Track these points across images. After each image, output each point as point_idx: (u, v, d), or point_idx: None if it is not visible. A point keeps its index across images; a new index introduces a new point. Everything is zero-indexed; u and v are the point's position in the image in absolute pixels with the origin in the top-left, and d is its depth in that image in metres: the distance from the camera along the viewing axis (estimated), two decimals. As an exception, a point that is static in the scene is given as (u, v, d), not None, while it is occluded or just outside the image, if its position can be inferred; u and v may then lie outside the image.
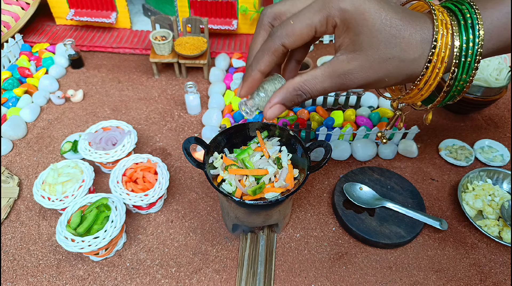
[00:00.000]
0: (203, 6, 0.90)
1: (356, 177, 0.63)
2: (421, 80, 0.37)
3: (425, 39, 0.35)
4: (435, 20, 0.35)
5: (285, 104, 0.40)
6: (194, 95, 0.74)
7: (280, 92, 0.39)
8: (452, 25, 0.35)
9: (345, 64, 0.37)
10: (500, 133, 0.74)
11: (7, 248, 0.56)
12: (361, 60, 0.36)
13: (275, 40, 0.37)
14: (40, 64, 0.87)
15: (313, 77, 0.38)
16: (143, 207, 0.58)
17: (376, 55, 0.35)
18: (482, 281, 0.53)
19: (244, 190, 0.46)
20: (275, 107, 0.39)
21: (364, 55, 0.36)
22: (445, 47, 0.35)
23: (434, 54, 0.35)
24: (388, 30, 0.34)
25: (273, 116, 0.40)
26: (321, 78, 0.37)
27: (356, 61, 0.36)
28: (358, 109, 0.75)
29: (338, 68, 0.37)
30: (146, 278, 0.52)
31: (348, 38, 0.36)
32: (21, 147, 0.71)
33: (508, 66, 0.70)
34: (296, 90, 0.38)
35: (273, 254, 0.55)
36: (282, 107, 0.40)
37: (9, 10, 0.88)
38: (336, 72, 0.37)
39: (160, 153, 0.70)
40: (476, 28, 0.35)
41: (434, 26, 0.35)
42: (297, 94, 0.39)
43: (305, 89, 0.38)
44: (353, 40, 0.36)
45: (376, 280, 0.52)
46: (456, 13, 0.36)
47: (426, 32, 0.35)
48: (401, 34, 0.35)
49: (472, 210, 0.60)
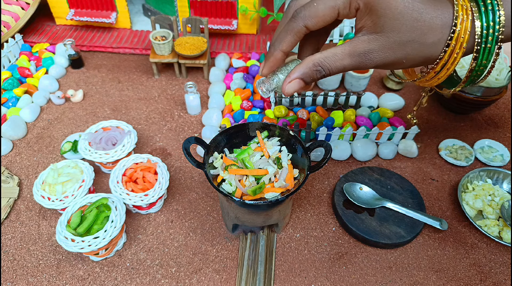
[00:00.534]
0: (203, 6, 0.90)
1: (356, 177, 0.63)
2: (438, 64, 0.38)
3: (445, 24, 0.36)
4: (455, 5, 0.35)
5: (304, 79, 0.40)
6: (194, 95, 0.74)
7: (300, 67, 0.40)
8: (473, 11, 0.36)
9: (365, 44, 0.37)
10: (500, 133, 0.74)
11: (7, 248, 0.56)
12: (382, 41, 0.37)
13: (298, 21, 0.37)
14: (40, 64, 0.87)
15: (333, 54, 0.38)
16: (143, 207, 0.58)
17: (397, 37, 0.36)
18: (482, 281, 0.53)
19: (244, 190, 0.46)
20: (294, 82, 0.40)
21: (385, 37, 0.36)
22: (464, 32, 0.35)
23: (453, 39, 0.36)
24: (410, 13, 0.35)
25: (292, 91, 0.40)
26: (341, 56, 0.38)
27: (377, 42, 0.37)
28: (358, 109, 0.75)
29: (358, 47, 0.38)
30: (146, 278, 0.52)
31: (370, 20, 0.37)
32: (21, 147, 0.71)
33: (508, 66, 0.70)
34: (316, 65, 0.39)
35: (273, 254, 0.55)
36: (301, 83, 0.40)
37: (9, 10, 0.88)
38: (356, 51, 0.38)
39: (160, 153, 0.70)
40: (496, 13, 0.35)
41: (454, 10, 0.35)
42: (316, 69, 0.39)
43: (324, 65, 0.39)
44: (375, 22, 0.36)
45: (376, 280, 0.52)
46: None
47: (447, 16, 0.36)
48: (422, 18, 0.35)
49: (472, 210, 0.60)
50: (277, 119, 0.72)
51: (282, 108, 0.72)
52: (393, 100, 0.77)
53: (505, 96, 0.81)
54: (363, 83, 0.81)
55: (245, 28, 0.94)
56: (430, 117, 0.77)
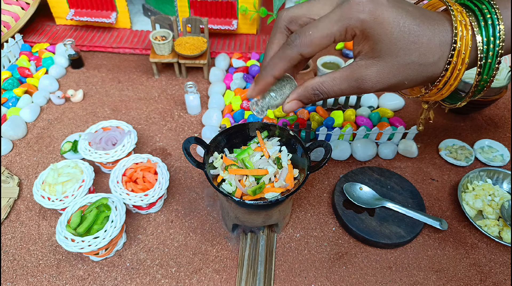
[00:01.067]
0: (203, 6, 0.90)
1: (356, 177, 0.63)
2: (441, 81, 0.38)
3: (444, 42, 0.36)
4: (454, 22, 0.35)
5: (302, 101, 0.42)
6: (194, 95, 0.74)
7: (299, 90, 0.41)
8: (472, 26, 0.35)
9: (363, 69, 0.37)
10: (500, 133, 0.74)
11: (7, 248, 0.56)
12: (380, 66, 0.37)
13: (293, 49, 0.37)
14: (40, 64, 0.87)
15: (332, 79, 0.39)
16: (143, 207, 0.58)
17: (395, 61, 0.36)
18: (482, 281, 0.53)
19: (244, 190, 0.46)
20: (292, 103, 0.42)
21: (383, 62, 0.37)
22: (465, 48, 0.36)
23: (454, 55, 0.36)
24: (407, 37, 0.35)
25: (290, 110, 0.42)
26: (339, 81, 0.39)
27: (374, 67, 0.37)
28: (358, 109, 0.75)
29: (356, 72, 0.38)
30: (146, 278, 0.52)
31: (367, 46, 0.37)
32: (21, 147, 0.71)
33: (508, 66, 0.70)
34: (314, 89, 0.40)
35: (273, 254, 0.55)
36: (299, 103, 0.42)
37: (9, 10, 0.88)
38: (354, 75, 0.38)
39: (160, 153, 0.70)
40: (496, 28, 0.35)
41: (453, 27, 0.35)
42: (314, 93, 0.40)
43: (322, 90, 0.40)
44: (372, 47, 0.36)
45: (376, 280, 0.52)
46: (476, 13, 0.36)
47: (445, 34, 0.36)
48: (419, 40, 0.35)
49: (472, 210, 0.60)
50: (277, 119, 0.72)
51: (282, 108, 0.72)
52: (393, 100, 0.77)
53: (505, 96, 0.81)
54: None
55: (245, 28, 0.94)
56: (430, 118, 0.77)
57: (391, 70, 0.37)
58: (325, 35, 0.36)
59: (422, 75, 0.38)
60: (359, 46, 0.38)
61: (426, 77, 0.38)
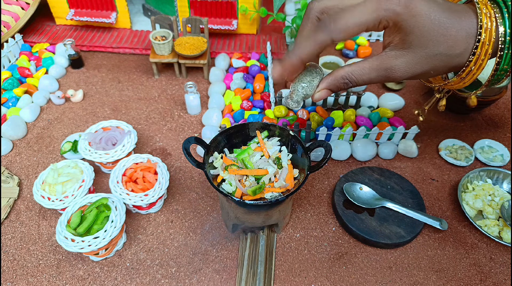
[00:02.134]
0: (203, 6, 0.90)
1: (356, 177, 0.63)
2: (464, 71, 0.39)
3: (470, 34, 0.37)
4: (479, 14, 0.36)
5: (332, 89, 0.42)
6: (194, 95, 0.74)
7: (329, 79, 0.42)
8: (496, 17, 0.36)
9: (392, 60, 0.38)
10: (500, 133, 0.74)
11: (7, 248, 0.56)
12: (409, 57, 0.38)
13: (326, 33, 0.38)
14: (40, 64, 0.87)
15: (361, 68, 0.40)
16: (143, 207, 0.58)
17: (424, 53, 0.37)
18: (482, 281, 0.53)
19: (244, 190, 0.46)
20: (322, 91, 0.42)
21: (413, 52, 0.37)
22: (489, 39, 0.36)
23: (478, 47, 0.37)
24: (437, 29, 0.36)
25: (320, 99, 0.43)
26: (368, 70, 0.39)
27: (404, 58, 0.38)
28: (358, 109, 0.75)
29: (385, 63, 0.39)
30: (146, 278, 0.52)
31: (398, 37, 0.37)
32: (21, 147, 0.71)
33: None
34: (344, 78, 0.41)
35: (273, 254, 0.55)
36: (329, 92, 0.43)
37: (9, 10, 0.88)
38: (383, 66, 0.39)
39: (160, 153, 0.70)
40: None
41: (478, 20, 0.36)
42: (344, 82, 0.41)
43: (352, 79, 0.40)
44: (403, 39, 0.37)
45: (376, 280, 0.52)
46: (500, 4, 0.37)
47: (471, 27, 0.36)
48: (448, 32, 0.36)
49: (472, 210, 0.60)
50: (277, 119, 0.72)
51: (282, 108, 0.72)
52: (393, 100, 0.77)
53: (505, 96, 0.81)
54: (363, 83, 0.81)
55: (245, 28, 0.94)
56: (430, 117, 0.77)
57: (420, 61, 0.38)
58: (360, 23, 0.37)
59: (448, 66, 0.39)
60: (390, 37, 0.38)
61: (452, 67, 0.39)
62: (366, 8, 0.36)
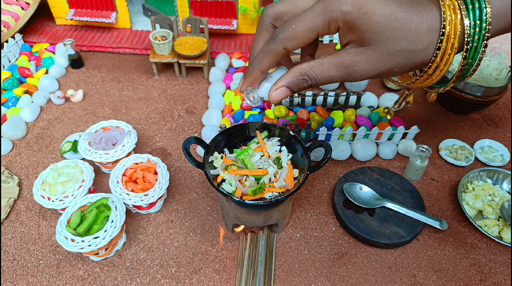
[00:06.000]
0: (203, 6, 0.90)
1: (356, 177, 0.63)
2: (431, 67, 0.38)
3: (432, 27, 0.35)
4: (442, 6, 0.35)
5: (291, 88, 0.40)
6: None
7: (287, 76, 0.40)
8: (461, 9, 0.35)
9: (352, 56, 0.37)
10: (500, 133, 0.74)
11: (7, 248, 0.56)
12: (369, 54, 0.36)
13: (278, 43, 0.37)
14: (40, 64, 0.87)
15: (320, 64, 0.38)
16: (143, 207, 0.58)
17: (384, 49, 0.36)
18: (482, 281, 0.53)
19: (244, 190, 0.46)
20: (280, 90, 0.40)
21: (372, 50, 0.36)
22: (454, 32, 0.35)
23: (443, 41, 0.35)
24: (394, 25, 0.35)
25: (278, 99, 0.41)
26: (327, 66, 0.38)
27: (364, 55, 0.37)
28: (358, 109, 0.75)
29: (345, 59, 0.37)
30: (146, 278, 0.52)
31: (355, 36, 0.36)
32: (21, 147, 0.71)
33: (508, 66, 0.70)
34: (303, 75, 0.39)
35: (273, 254, 0.55)
36: (287, 91, 0.40)
37: (9, 10, 0.88)
38: (343, 62, 0.37)
39: (160, 153, 0.70)
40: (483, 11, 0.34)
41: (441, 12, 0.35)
42: (303, 78, 0.39)
43: (311, 75, 0.39)
44: (360, 37, 0.36)
45: (376, 280, 0.52)
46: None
47: (433, 20, 0.35)
48: (407, 27, 0.35)
49: (472, 210, 0.60)
50: (277, 119, 0.72)
51: (282, 108, 0.72)
52: (393, 100, 0.77)
53: (505, 96, 0.81)
54: (363, 83, 0.81)
55: (245, 28, 0.94)
56: (430, 117, 0.77)
57: (381, 58, 0.36)
58: (308, 29, 0.36)
59: (412, 62, 0.37)
60: (346, 37, 0.37)
61: (416, 64, 0.38)
62: (312, 13, 0.35)
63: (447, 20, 0.34)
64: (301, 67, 0.39)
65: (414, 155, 0.62)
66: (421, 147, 0.61)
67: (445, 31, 0.35)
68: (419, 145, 0.61)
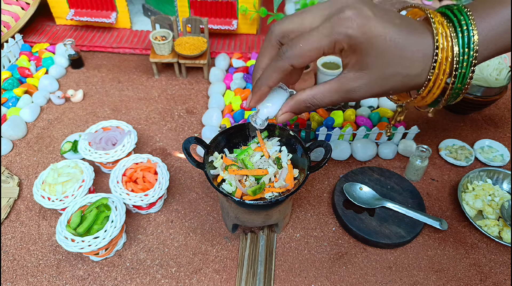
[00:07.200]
0: (203, 6, 0.90)
1: (356, 177, 0.63)
2: (424, 90, 0.40)
3: (427, 54, 0.37)
4: (435, 34, 0.37)
5: (295, 113, 0.44)
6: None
7: (291, 103, 0.43)
8: (452, 37, 0.37)
9: (351, 82, 0.39)
10: (500, 133, 0.74)
11: (7, 248, 0.56)
12: (367, 78, 0.39)
13: (285, 61, 0.39)
14: (40, 64, 0.87)
15: (322, 92, 0.41)
16: (143, 207, 0.58)
17: (381, 73, 0.38)
18: (482, 281, 0.53)
19: (244, 190, 0.46)
20: (285, 114, 0.44)
21: (370, 74, 0.38)
22: (445, 60, 0.37)
23: (436, 67, 0.38)
24: (393, 51, 0.37)
25: (284, 121, 0.44)
26: (329, 93, 0.41)
27: (362, 79, 0.39)
28: (358, 109, 0.75)
29: (345, 85, 0.40)
30: (146, 278, 0.52)
31: (354, 59, 0.38)
32: (21, 147, 0.71)
33: (508, 66, 0.70)
34: (306, 102, 0.42)
35: (273, 254, 0.55)
36: (291, 115, 0.44)
37: (9, 10, 0.88)
38: (343, 88, 0.40)
39: (160, 153, 0.70)
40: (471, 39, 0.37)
41: (434, 40, 0.37)
42: (306, 106, 0.42)
43: (313, 102, 0.42)
44: (359, 60, 0.38)
45: (376, 280, 0.53)
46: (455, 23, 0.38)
47: (428, 47, 0.37)
48: (404, 54, 0.37)
49: (472, 210, 0.60)
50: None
51: (282, 108, 0.72)
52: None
53: (505, 96, 0.81)
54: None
55: (245, 28, 0.94)
56: (430, 117, 0.77)
57: (377, 82, 0.39)
58: (314, 49, 0.37)
59: (407, 85, 0.40)
60: (347, 59, 0.39)
61: (411, 87, 0.40)
62: (319, 33, 0.37)
63: (440, 48, 0.37)
64: (304, 96, 0.41)
65: (414, 155, 0.62)
66: (421, 147, 0.61)
67: (437, 58, 0.37)
68: (419, 145, 0.61)
